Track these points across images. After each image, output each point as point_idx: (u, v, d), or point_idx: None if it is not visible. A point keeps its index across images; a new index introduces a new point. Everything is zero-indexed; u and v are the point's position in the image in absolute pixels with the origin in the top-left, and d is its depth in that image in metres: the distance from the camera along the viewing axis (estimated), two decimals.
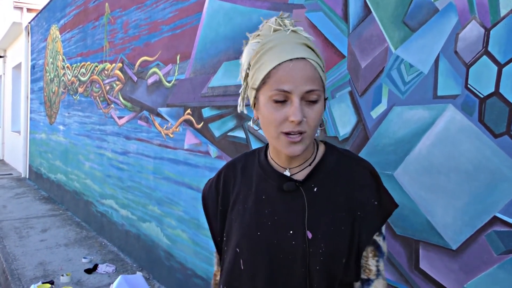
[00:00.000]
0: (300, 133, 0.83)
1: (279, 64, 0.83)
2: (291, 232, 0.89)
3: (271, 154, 0.98)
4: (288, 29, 0.87)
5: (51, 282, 3.48)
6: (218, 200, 1.02)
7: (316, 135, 0.91)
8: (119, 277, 2.18)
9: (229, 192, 1.01)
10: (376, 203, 0.91)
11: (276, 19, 0.89)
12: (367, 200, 0.91)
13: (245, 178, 0.99)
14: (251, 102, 0.92)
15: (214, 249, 2.64)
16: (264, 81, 0.85)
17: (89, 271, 3.79)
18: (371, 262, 0.91)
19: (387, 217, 0.92)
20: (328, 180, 0.92)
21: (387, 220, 0.94)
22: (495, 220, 1.33)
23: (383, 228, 0.93)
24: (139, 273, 2.23)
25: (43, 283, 3.44)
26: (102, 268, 3.84)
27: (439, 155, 1.47)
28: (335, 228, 0.89)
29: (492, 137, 1.34)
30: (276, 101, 0.84)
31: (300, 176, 0.93)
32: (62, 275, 3.58)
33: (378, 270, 0.91)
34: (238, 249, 0.94)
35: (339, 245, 0.88)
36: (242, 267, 0.93)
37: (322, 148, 0.97)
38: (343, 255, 0.88)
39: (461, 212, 1.41)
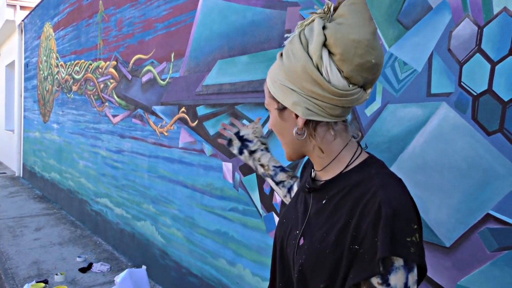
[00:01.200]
0: None
1: None
2: (297, 232, 0.92)
3: None
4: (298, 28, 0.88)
5: (45, 281, 3.46)
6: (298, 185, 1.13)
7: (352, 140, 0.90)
8: (126, 270, 2.14)
9: (301, 180, 1.09)
10: (378, 243, 0.74)
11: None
12: (364, 234, 0.76)
13: (306, 172, 1.04)
14: None
15: (210, 247, 2.64)
16: None
17: (83, 270, 3.77)
18: None
19: (379, 262, 0.74)
20: (338, 197, 0.84)
21: (391, 270, 0.74)
22: (488, 217, 1.34)
23: (393, 279, 0.73)
24: (144, 267, 2.19)
25: (37, 282, 3.42)
26: (96, 267, 3.83)
27: (432, 152, 1.48)
28: (321, 247, 0.83)
29: (485, 134, 1.34)
30: None
31: (320, 184, 0.93)
32: (56, 274, 3.56)
33: None
34: (275, 231, 1.04)
35: (318, 265, 0.82)
36: (273, 248, 1.03)
37: (357, 161, 0.87)
38: (321, 279, 0.81)
39: (455, 209, 1.42)
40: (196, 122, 2.93)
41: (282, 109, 0.87)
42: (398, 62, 1.60)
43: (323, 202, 0.88)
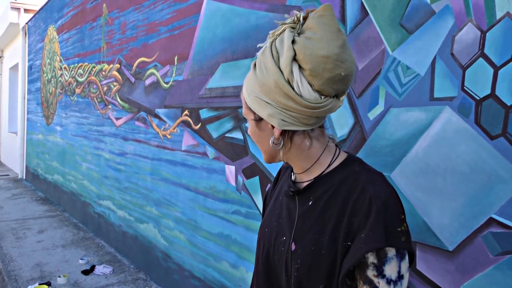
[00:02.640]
0: None
1: None
2: (283, 238, 0.92)
3: None
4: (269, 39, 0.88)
5: (48, 283, 3.47)
6: (271, 193, 1.11)
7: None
8: None
9: (276, 187, 1.09)
10: (362, 235, 0.78)
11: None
12: (357, 229, 0.80)
13: (283, 177, 1.05)
14: None
15: (213, 250, 2.62)
16: None
17: (86, 272, 3.78)
18: None
19: (363, 254, 0.78)
20: (326, 197, 0.86)
21: (385, 261, 0.78)
22: (491, 221, 1.34)
23: (388, 269, 0.78)
24: None
25: (40, 284, 3.43)
26: (99, 269, 3.84)
27: (435, 156, 1.48)
28: (316, 249, 0.84)
29: (488, 138, 1.35)
30: None
31: (304, 185, 0.93)
32: (59, 276, 3.57)
33: None
34: (257, 239, 1.03)
35: (314, 268, 0.83)
36: (256, 256, 1.02)
37: (338, 161, 0.90)
38: (320, 280, 0.83)
39: (458, 213, 1.42)
40: (199, 125, 2.94)
41: (258, 120, 0.88)
42: (401, 66, 1.61)
43: (309, 203, 0.89)
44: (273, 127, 0.86)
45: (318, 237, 0.84)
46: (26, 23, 9.00)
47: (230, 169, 2.64)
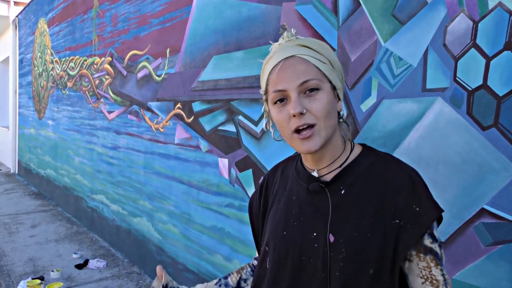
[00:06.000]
0: (309, 126, 0.84)
1: (273, 68, 0.88)
2: (314, 234, 0.89)
3: (302, 156, 0.99)
4: (287, 38, 0.91)
5: (41, 278, 3.46)
6: (260, 201, 1.07)
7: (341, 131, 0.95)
8: None
9: (269, 194, 1.05)
10: (417, 209, 0.83)
11: (282, 37, 0.93)
12: (405, 205, 0.83)
13: (282, 180, 1.02)
14: (265, 114, 0.96)
15: (206, 243, 2.61)
16: (266, 89, 0.91)
17: (79, 266, 3.77)
18: (436, 272, 0.83)
19: (429, 225, 0.82)
20: (358, 183, 0.88)
21: (433, 227, 0.85)
22: (482, 212, 1.34)
23: (436, 234, 0.85)
24: None
25: (33, 279, 3.41)
26: (93, 263, 3.83)
27: (428, 147, 1.48)
28: (360, 234, 0.84)
29: (480, 129, 1.35)
30: (277, 103, 0.87)
31: (329, 178, 0.91)
32: (53, 271, 3.56)
33: (445, 280, 0.84)
34: (267, 248, 0.98)
35: (363, 252, 0.83)
36: (268, 266, 0.96)
37: (357, 150, 0.93)
38: (369, 264, 0.82)
39: (450, 204, 1.42)
40: (192, 118, 2.92)
41: (334, 88, 0.89)
42: (393, 57, 1.60)
43: (342, 192, 0.88)
44: (338, 99, 0.91)
45: (360, 222, 0.84)
46: (16, 16, 8.88)
47: (223, 162, 2.63)
